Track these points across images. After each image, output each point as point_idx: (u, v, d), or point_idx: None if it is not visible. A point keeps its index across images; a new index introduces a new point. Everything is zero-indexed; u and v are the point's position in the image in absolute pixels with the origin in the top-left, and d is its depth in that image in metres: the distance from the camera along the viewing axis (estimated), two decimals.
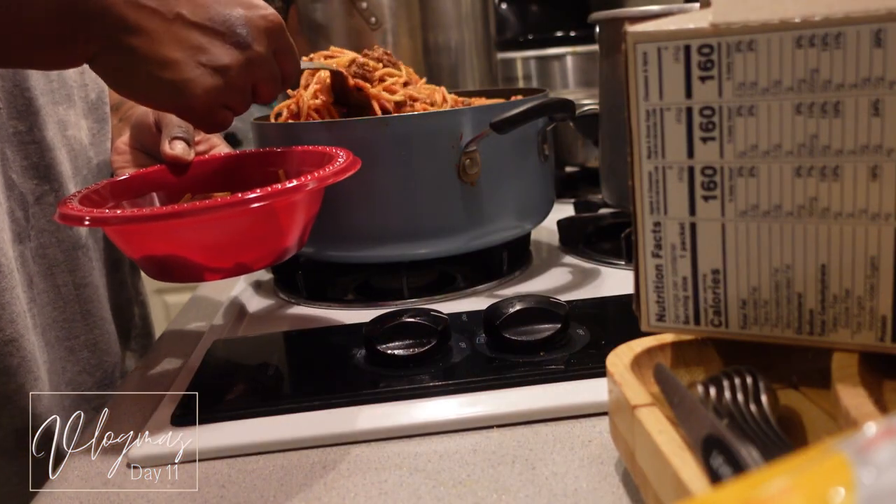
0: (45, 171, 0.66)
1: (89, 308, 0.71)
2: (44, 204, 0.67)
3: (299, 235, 0.60)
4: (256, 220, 0.56)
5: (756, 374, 0.37)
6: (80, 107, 0.72)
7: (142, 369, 0.66)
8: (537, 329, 0.55)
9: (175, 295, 1.92)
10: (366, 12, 1.03)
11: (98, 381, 0.72)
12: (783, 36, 0.35)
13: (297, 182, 0.54)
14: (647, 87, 0.38)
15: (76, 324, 0.70)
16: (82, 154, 0.72)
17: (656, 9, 0.70)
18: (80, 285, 0.70)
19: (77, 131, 0.71)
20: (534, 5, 1.72)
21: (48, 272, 0.67)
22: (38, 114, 0.66)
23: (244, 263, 0.58)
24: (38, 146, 0.66)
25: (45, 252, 0.67)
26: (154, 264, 0.57)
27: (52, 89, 0.68)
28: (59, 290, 0.68)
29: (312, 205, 0.60)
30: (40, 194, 0.66)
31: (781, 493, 0.21)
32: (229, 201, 0.51)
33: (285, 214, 0.58)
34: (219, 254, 0.57)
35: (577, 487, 0.41)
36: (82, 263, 0.70)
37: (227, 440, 0.49)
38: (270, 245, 0.58)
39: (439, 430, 0.49)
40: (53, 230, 0.68)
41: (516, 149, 0.73)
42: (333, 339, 0.64)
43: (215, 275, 0.59)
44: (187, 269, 0.57)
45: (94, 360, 0.72)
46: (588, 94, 1.19)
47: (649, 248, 0.41)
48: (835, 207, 0.36)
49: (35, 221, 0.66)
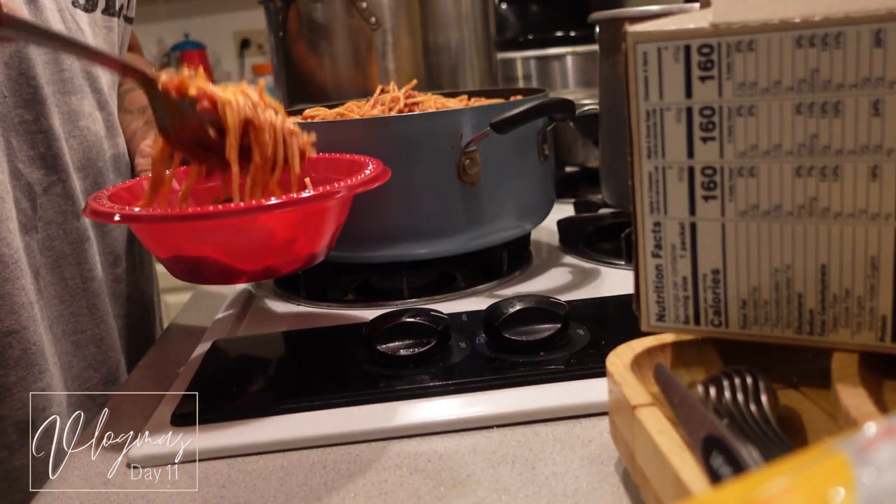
0: (53, 162, 0.66)
1: (95, 302, 0.71)
2: (51, 195, 0.66)
3: (328, 242, 0.61)
4: (286, 225, 0.56)
5: (756, 374, 0.37)
6: (94, 98, 0.72)
7: (142, 369, 0.66)
8: (537, 329, 0.55)
9: (175, 295, 1.92)
10: (366, 12, 1.03)
11: (104, 377, 0.72)
12: (783, 36, 0.35)
13: (330, 188, 0.54)
14: (647, 87, 0.38)
15: (83, 318, 0.70)
16: (97, 146, 0.72)
17: (656, 9, 0.70)
18: (88, 279, 0.70)
19: (92, 122, 0.71)
20: (534, 5, 1.72)
21: (55, 265, 0.67)
22: (45, 103, 0.65)
23: (273, 267, 0.58)
24: (45, 136, 0.66)
25: (53, 244, 0.67)
26: (183, 264, 0.57)
27: (61, 79, 0.67)
28: (66, 283, 0.68)
29: (342, 212, 0.61)
30: (48, 185, 0.66)
31: (781, 493, 0.21)
32: (259, 205, 0.51)
33: (315, 220, 0.58)
34: (248, 256, 0.57)
35: (577, 487, 0.41)
36: (89, 256, 0.70)
37: (227, 440, 0.49)
38: (298, 250, 0.59)
39: (439, 430, 0.49)
40: (61, 222, 0.67)
41: (516, 149, 0.73)
42: (333, 339, 0.64)
43: (243, 277, 0.59)
44: (217, 270, 0.57)
45: (100, 356, 0.72)
46: (588, 94, 1.19)
47: (649, 248, 0.41)
48: (835, 207, 0.36)
49: (42, 212, 0.66)
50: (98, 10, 0.73)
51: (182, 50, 2.61)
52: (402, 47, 1.06)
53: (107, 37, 0.75)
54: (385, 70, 1.05)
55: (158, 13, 2.72)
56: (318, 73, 1.08)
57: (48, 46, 0.63)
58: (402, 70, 1.06)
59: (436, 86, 1.07)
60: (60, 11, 0.68)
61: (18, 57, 0.63)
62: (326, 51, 1.07)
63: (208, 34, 2.70)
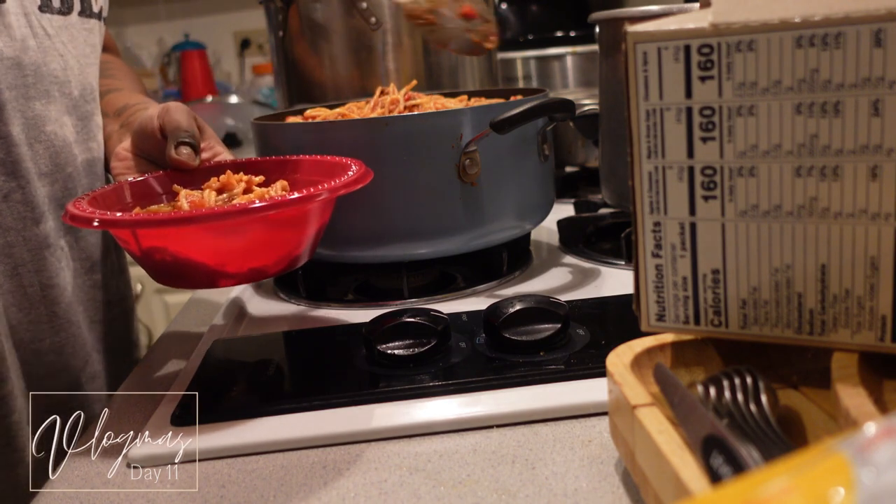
0: (13, 168, 0.65)
1: (55, 310, 0.70)
2: (11, 201, 0.65)
3: (311, 243, 0.61)
4: (267, 228, 0.56)
5: (756, 374, 0.37)
6: (63, 103, 0.70)
7: (142, 369, 0.66)
8: (537, 329, 0.55)
9: (175, 295, 1.92)
10: (366, 12, 1.03)
11: (65, 385, 0.71)
12: (783, 36, 0.35)
13: (309, 191, 0.54)
14: (647, 87, 0.38)
15: (42, 326, 0.69)
16: (66, 151, 0.70)
17: (656, 9, 0.70)
18: (47, 286, 0.69)
19: (59, 128, 0.69)
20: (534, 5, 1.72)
21: (13, 272, 0.66)
22: (4, 108, 0.64)
23: (259, 269, 0.58)
24: (5, 141, 0.64)
25: (11, 251, 0.66)
26: (164, 269, 0.57)
27: (24, 84, 0.66)
28: (24, 291, 0.67)
29: (324, 214, 0.61)
30: (7, 191, 0.65)
31: (781, 493, 0.21)
32: (239, 208, 0.52)
33: (296, 223, 0.58)
34: (230, 259, 0.56)
35: (577, 487, 0.41)
36: (50, 264, 0.69)
37: (227, 440, 0.49)
38: (282, 252, 0.59)
39: (439, 430, 0.49)
40: (20, 229, 0.66)
41: (516, 149, 0.73)
42: (333, 339, 0.64)
43: (230, 280, 0.58)
44: (200, 274, 0.57)
45: (59, 364, 0.70)
46: (588, 94, 1.19)
47: (649, 248, 0.41)
48: (835, 207, 0.36)
49: (1, 219, 0.65)
50: (74, 12, 0.72)
51: (182, 50, 2.61)
52: (402, 47, 1.06)
53: (87, 39, 0.74)
54: (385, 70, 1.05)
55: (158, 13, 2.72)
56: (318, 73, 1.08)
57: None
58: (402, 70, 1.06)
59: (436, 86, 1.07)
60: (27, 16, 0.67)
61: None
62: (326, 51, 1.07)
63: (208, 34, 2.70)
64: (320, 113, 0.81)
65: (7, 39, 0.64)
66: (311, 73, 1.09)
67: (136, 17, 2.71)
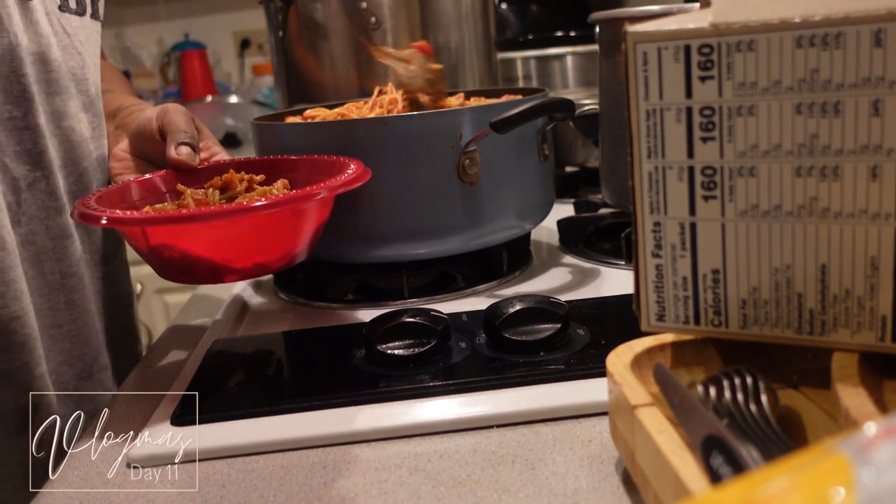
0: (38, 158, 0.67)
1: (73, 298, 0.71)
2: (35, 190, 0.67)
3: (310, 240, 0.62)
4: (271, 225, 0.58)
5: (756, 374, 0.37)
6: (80, 100, 0.72)
7: (142, 369, 0.66)
8: (537, 329, 0.55)
9: (175, 295, 1.92)
10: (366, 12, 1.03)
11: (77, 372, 0.72)
12: (783, 36, 0.35)
13: (311, 189, 0.56)
14: (647, 87, 0.38)
15: (60, 313, 0.71)
16: (82, 146, 0.72)
17: (656, 9, 0.70)
18: (66, 274, 0.71)
19: (76, 123, 0.71)
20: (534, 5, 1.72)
21: (35, 259, 0.68)
22: (33, 101, 0.66)
23: (263, 264, 0.60)
24: (32, 132, 0.66)
25: (34, 239, 0.68)
26: (172, 265, 0.58)
27: (47, 79, 0.68)
28: (45, 278, 0.69)
29: (324, 212, 0.62)
30: (32, 180, 0.67)
31: (781, 493, 0.21)
32: (246, 206, 0.53)
33: (294, 221, 0.59)
34: (236, 255, 0.58)
35: (577, 487, 0.41)
36: (70, 253, 0.70)
37: (227, 440, 0.49)
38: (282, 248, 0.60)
39: (439, 430, 0.49)
40: (43, 217, 0.68)
41: (516, 149, 0.73)
42: (333, 339, 0.64)
43: (234, 276, 0.60)
44: (206, 269, 0.58)
45: (75, 352, 0.72)
46: (588, 94, 1.19)
47: (649, 248, 0.41)
48: (835, 207, 0.36)
49: (26, 207, 0.67)
50: (87, 14, 0.75)
51: (182, 50, 2.61)
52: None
53: (97, 40, 0.77)
54: (384, 70, 1.05)
55: (158, 13, 2.72)
56: (318, 73, 1.08)
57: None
58: None
59: None
60: (48, 15, 0.69)
61: (10, 55, 0.64)
62: (326, 51, 1.07)
63: (208, 34, 2.70)
64: (319, 113, 0.81)
65: (34, 35, 0.67)
66: (311, 73, 1.09)
67: (135, 16, 2.71)
